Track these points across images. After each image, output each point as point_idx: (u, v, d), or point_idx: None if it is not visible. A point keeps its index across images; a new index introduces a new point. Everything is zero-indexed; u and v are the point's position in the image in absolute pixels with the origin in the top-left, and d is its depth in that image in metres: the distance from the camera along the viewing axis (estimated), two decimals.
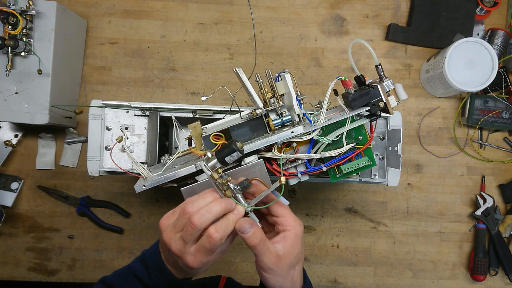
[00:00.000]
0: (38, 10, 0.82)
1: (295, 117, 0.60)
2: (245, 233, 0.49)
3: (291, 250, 0.51)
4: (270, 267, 0.50)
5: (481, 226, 0.99)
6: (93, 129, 0.72)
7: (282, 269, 0.50)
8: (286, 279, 0.51)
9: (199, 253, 0.48)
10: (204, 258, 0.49)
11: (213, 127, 0.63)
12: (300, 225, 0.53)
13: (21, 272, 0.97)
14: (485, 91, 1.00)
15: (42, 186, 0.98)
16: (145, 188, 0.59)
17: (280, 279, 0.51)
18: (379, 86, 0.57)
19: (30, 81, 0.84)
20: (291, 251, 0.51)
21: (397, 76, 1.03)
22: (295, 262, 0.52)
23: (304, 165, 0.63)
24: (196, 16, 1.01)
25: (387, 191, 1.01)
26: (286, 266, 0.51)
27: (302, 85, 1.01)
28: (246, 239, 0.49)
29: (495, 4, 0.98)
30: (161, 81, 1.00)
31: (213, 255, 0.50)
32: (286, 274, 0.51)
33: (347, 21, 1.03)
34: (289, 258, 0.51)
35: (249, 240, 0.49)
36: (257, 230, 0.49)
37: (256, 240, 0.49)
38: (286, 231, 0.52)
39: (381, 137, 0.76)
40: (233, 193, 0.51)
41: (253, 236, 0.49)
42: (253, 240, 0.49)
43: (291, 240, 0.51)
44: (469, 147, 1.02)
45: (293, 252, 0.51)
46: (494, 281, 1.01)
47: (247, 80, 0.59)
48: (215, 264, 0.98)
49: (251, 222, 0.50)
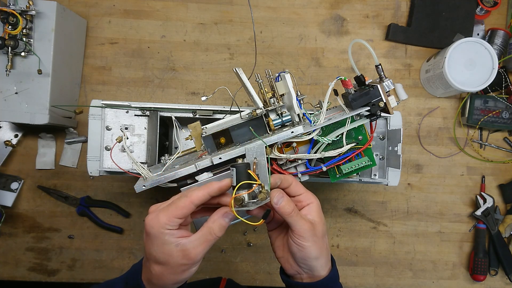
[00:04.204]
0: (38, 10, 0.82)
1: (295, 117, 0.60)
2: (279, 203, 0.51)
3: (320, 219, 0.53)
4: (308, 234, 0.51)
5: (481, 226, 0.99)
6: (93, 129, 0.72)
7: (318, 235, 0.52)
8: (322, 246, 0.53)
9: (171, 211, 0.48)
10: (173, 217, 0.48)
11: (213, 127, 0.63)
12: (316, 198, 0.55)
13: (21, 272, 0.97)
14: (485, 91, 1.00)
15: (42, 186, 0.98)
16: (145, 188, 0.59)
17: (318, 247, 0.52)
18: (379, 86, 0.57)
19: (30, 81, 0.84)
20: (320, 219, 0.53)
21: (397, 76, 1.03)
22: (325, 230, 0.54)
23: (304, 165, 0.63)
24: (196, 16, 1.01)
25: (387, 191, 1.01)
26: (320, 233, 0.53)
27: (302, 85, 1.01)
28: (281, 209, 0.51)
29: (495, 4, 0.98)
30: (161, 81, 1.00)
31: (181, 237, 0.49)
32: (322, 242, 0.53)
33: (347, 21, 1.03)
34: (320, 225, 0.53)
35: (283, 209, 0.50)
36: (289, 200, 0.52)
37: (290, 209, 0.51)
38: (310, 203, 0.54)
39: (381, 137, 0.76)
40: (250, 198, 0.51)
41: (286, 205, 0.51)
42: (287, 208, 0.51)
43: (316, 209, 0.54)
44: (469, 147, 1.02)
45: (321, 220, 0.53)
46: (494, 281, 1.01)
47: (247, 80, 0.59)
48: (215, 264, 0.99)
49: (282, 194, 0.51)
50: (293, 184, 0.54)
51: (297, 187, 0.55)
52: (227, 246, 1.00)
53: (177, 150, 0.64)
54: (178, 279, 0.50)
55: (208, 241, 0.50)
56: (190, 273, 0.50)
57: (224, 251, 0.99)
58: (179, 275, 0.49)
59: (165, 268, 0.49)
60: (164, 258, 0.48)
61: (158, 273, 0.49)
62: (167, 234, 0.48)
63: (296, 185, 0.55)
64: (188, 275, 0.50)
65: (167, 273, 0.49)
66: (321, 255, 0.53)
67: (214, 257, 0.99)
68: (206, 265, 0.99)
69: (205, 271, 0.99)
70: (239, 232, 1.00)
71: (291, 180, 0.54)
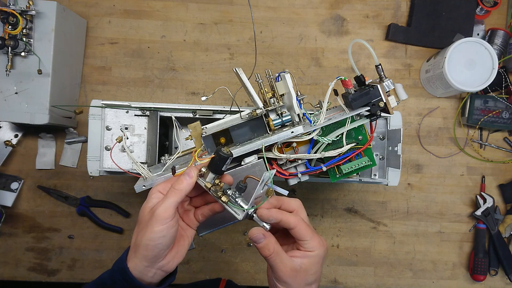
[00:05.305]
0: (38, 10, 0.82)
1: (295, 117, 0.60)
2: (257, 243, 0.49)
3: (310, 268, 0.49)
4: (284, 280, 0.48)
5: (481, 226, 0.99)
6: (93, 129, 0.72)
7: (298, 283, 0.49)
8: None
9: (168, 180, 0.52)
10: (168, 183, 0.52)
11: (213, 127, 0.62)
12: (323, 246, 0.50)
13: (21, 272, 0.97)
14: (485, 91, 1.00)
15: (42, 186, 0.98)
16: (145, 188, 0.59)
17: None
18: (379, 86, 0.57)
19: (30, 81, 0.84)
20: (309, 268, 0.49)
21: (397, 76, 1.03)
22: (312, 280, 0.50)
23: (304, 165, 0.63)
24: (196, 16, 1.01)
25: (387, 191, 1.01)
26: (302, 282, 0.49)
27: (302, 85, 1.01)
28: (259, 249, 0.49)
29: (495, 4, 0.98)
30: (161, 81, 1.00)
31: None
32: None
33: (347, 21, 1.03)
34: (306, 275, 0.49)
35: (261, 251, 0.49)
36: (270, 241, 0.49)
37: (268, 252, 0.48)
38: (308, 252, 0.50)
39: (381, 137, 0.76)
40: (232, 198, 0.51)
41: (265, 247, 0.48)
42: (265, 251, 0.48)
43: (312, 259, 0.49)
44: (469, 147, 1.02)
45: (311, 270, 0.49)
46: (494, 281, 1.01)
47: (247, 80, 0.59)
48: (215, 264, 0.99)
49: (263, 233, 0.49)
50: (297, 229, 0.49)
51: (300, 232, 0.49)
52: (227, 246, 1.00)
53: (177, 150, 0.63)
54: (144, 237, 0.49)
55: (168, 196, 0.50)
56: (154, 232, 0.48)
57: (224, 251, 0.99)
58: (144, 231, 0.49)
59: (137, 226, 0.52)
60: (140, 215, 0.52)
61: (135, 232, 0.52)
62: (154, 194, 0.52)
63: (300, 229, 0.49)
64: (153, 236, 0.48)
65: (137, 230, 0.51)
66: None
67: (214, 257, 0.99)
68: (206, 265, 0.99)
69: (205, 271, 0.99)
70: (239, 232, 1.00)
71: (294, 224, 0.49)
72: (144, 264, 0.50)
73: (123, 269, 0.50)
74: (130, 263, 0.51)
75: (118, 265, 0.52)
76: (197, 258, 0.99)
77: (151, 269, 0.51)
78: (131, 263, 0.51)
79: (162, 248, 0.50)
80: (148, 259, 0.50)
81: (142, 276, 0.51)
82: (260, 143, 0.57)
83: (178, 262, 0.53)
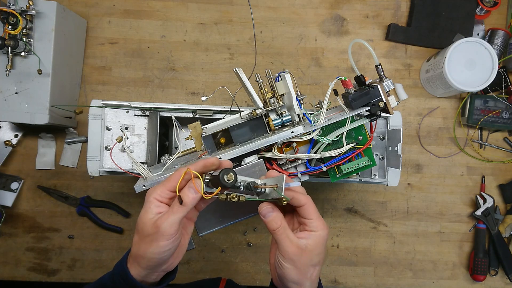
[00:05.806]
0: (38, 10, 0.82)
1: (295, 117, 0.60)
2: (266, 217, 0.50)
3: (315, 248, 0.50)
4: (291, 257, 0.49)
5: (481, 226, 0.99)
6: (93, 129, 0.72)
7: (303, 263, 0.49)
8: (305, 275, 0.50)
9: (165, 183, 0.49)
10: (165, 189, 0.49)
11: (213, 127, 0.63)
12: (326, 228, 0.52)
13: (21, 272, 0.97)
14: (485, 91, 1.00)
15: (42, 186, 0.98)
16: (145, 188, 0.59)
17: (298, 273, 0.49)
18: (379, 86, 0.57)
19: (30, 81, 0.84)
20: (314, 248, 0.50)
21: (397, 76, 1.03)
22: (316, 261, 0.51)
23: (304, 165, 0.63)
24: (196, 16, 1.01)
25: (387, 191, 1.01)
26: (307, 261, 0.49)
27: (302, 85, 1.01)
28: (267, 223, 0.50)
29: (495, 4, 0.98)
30: (161, 81, 1.00)
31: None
32: (306, 270, 0.50)
33: (347, 21, 1.03)
34: (311, 254, 0.50)
35: (269, 224, 0.50)
36: (278, 216, 0.50)
37: (276, 225, 0.50)
38: (314, 232, 0.51)
39: (381, 137, 0.76)
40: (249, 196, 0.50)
41: (273, 220, 0.50)
42: (273, 224, 0.50)
43: (316, 239, 0.50)
44: (469, 147, 1.02)
45: (316, 250, 0.50)
46: (494, 281, 1.01)
47: (247, 80, 0.59)
48: (215, 264, 0.99)
49: (273, 207, 0.51)
50: (305, 207, 0.51)
51: (308, 210, 0.51)
52: (227, 246, 1.00)
53: (177, 150, 0.64)
54: (148, 250, 0.48)
55: (175, 212, 0.47)
56: (160, 247, 0.48)
57: (224, 251, 0.99)
58: (148, 245, 0.48)
59: (138, 236, 0.50)
60: (140, 226, 0.49)
61: (134, 241, 0.51)
62: (153, 203, 0.49)
63: (308, 208, 0.51)
64: (158, 250, 0.48)
65: (139, 241, 0.50)
66: (302, 282, 0.50)
67: (214, 257, 0.99)
68: (206, 265, 0.99)
69: (205, 271, 0.99)
70: (239, 232, 1.00)
71: (304, 202, 0.51)
72: (147, 271, 0.51)
73: (124, 271, 0.51)
74: (133, 270, 0.51)
75: (119, 268, 0.52)
76: (197, 258, 0.99)
77: (153, 274, 0.52)
78: (133, 271, 0.51)
79: (167, 259, 0.50)
80: (151, 268, 0.50)
81: (144, 279, 0.52)
82: (261, 143, 0.57)
83: (178, 261, 0.53)
